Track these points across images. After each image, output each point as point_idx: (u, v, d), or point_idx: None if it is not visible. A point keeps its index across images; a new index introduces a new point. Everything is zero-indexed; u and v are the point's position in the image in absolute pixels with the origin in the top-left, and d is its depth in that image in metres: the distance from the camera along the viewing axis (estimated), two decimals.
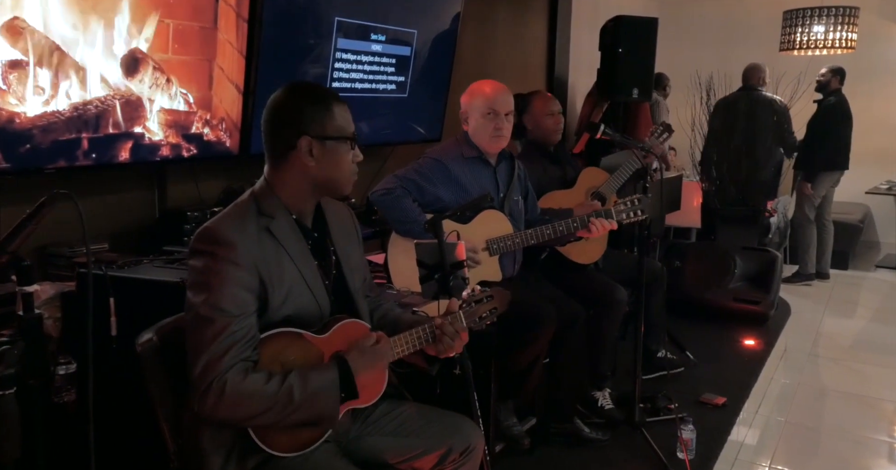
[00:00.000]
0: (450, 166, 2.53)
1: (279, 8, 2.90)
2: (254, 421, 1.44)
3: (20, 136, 2.18)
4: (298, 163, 1.56)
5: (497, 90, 2.58)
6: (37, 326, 1.18)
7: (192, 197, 2.95)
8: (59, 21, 2.22)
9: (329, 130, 1.56)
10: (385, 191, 2.47)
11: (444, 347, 1.65)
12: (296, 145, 1.55)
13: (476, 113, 2.57)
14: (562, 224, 2.56)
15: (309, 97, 1.57)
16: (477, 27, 4.58)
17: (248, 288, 1.48)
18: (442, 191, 2.50)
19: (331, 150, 1.57)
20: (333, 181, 1.60)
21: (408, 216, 2.43)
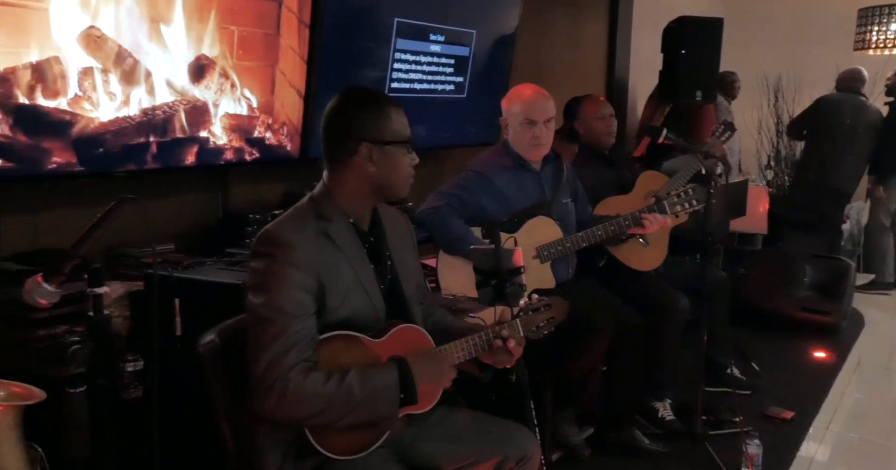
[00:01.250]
0: (492, 177, 2.50)
1: (339, 12, 2.93)
2: (314, 420, 1.46)
3: (93, 141, 2.26)
4: (357, 168, 1.58)
5: (535, 97, 2.53)
6: (105, 327, 1.22)
7: (254, 200, 3.01)
8: (130, 29, 2.30)
9: (387, 135, 1.58)
10: (432, 209, 2.45)
11: (500, 357, 1.63)
12: (356, 151, 1.56)
13: (514, 121, 2.53)
14: (613, 223, 2.51)
15: (366, 103, 1.59)
16: (534, 29, 4.54)
17: (307, 289, 1.50)
18: (485, 202, 2.47)
19: (389, 155, 1.58)
20: (391, 185, 1.62)
21: (455, 233, 2.41)
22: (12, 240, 2.26)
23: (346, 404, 1.45)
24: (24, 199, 2.28)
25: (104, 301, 1.29)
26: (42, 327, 2.14)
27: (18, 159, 2.08)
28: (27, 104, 2.08)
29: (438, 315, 1.85)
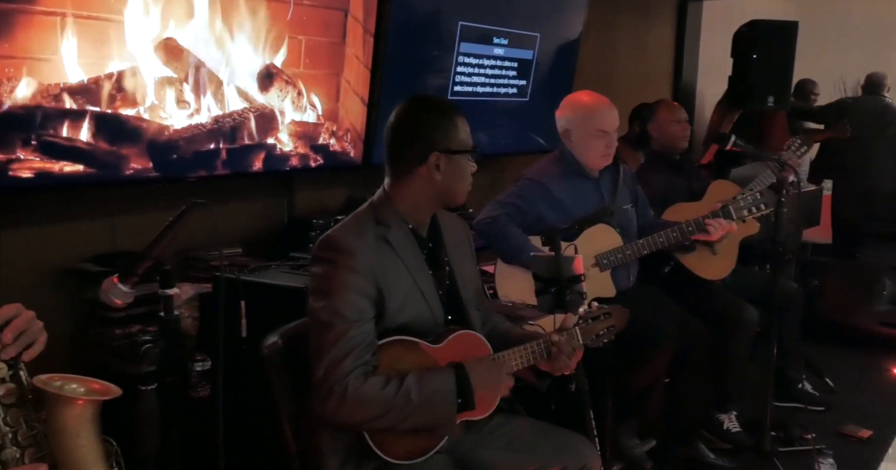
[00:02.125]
0: (549, 185, 2.47)
1: (403, 20, 2.98)
2: (373, 424, 1.47)
3: (168, 147, 2.36)
4: (424, 176, 1.59)
5: (606, 107, 2.47)
6: (175, 327, 1.27)
7: (318, 205, 3.07)
8: (204, 40, 2.39)
9: (455, 144, 1.59)
10: (490, 219, 2.43)
11: (559, 365, 1.62)
12: (425, 160, 1.58)
13: (582, 131, 2.47)
14: (675, 229, 2.44)
15: (435, 112, 1.60)
16: (599, 35, 4.49)
17: (366, 294, 1.52)
18: (544, 210, 2.44)
19: (456, 164, 1.60)
20: (454, 192, 1.63)
21: (514, 243, 2.39)
22: (92, 242, 2.37)
23: (404, 408, 1.46)
24: (104, 203, 2.39)
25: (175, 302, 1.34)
26: (118, 326, 2.24)
27: (99, 165, 2.19)
28: (108, 112, 2.18)
29: (495, 321, 1.84)
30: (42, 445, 1.06)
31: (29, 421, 1.07)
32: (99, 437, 1.08)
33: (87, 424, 1.07)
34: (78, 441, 1.06)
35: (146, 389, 1.15)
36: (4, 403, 1.05)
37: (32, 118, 2.02)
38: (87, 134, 2.15)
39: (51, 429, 1.06)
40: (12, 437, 1.05)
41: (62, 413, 1.06)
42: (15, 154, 2.01)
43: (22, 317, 1.09)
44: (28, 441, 1.06)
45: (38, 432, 1.06)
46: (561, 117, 2.53)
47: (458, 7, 3.22)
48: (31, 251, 2.23)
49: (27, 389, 1.07)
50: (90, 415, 1.07)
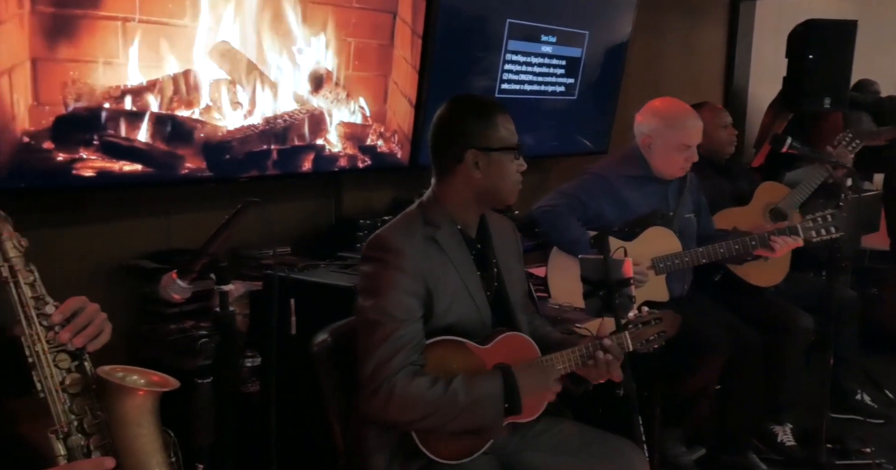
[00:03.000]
0: (615, 183, 2.45)
1: (451, 20, 2.99)
2: (419, 424, 1.48)
3: (221, 148, 2.41)
4: (464, 175, 1.59)
5: (693, 120, 2.43)
6: (230, 323, 1.30)
7: (365, 206, 3.10)
8: (257, 43, 2.44)
9: (494, 142, 1.59)
10: (549, 208, 2.43)
11: (596, 371, 1.60)
12: (462, 158, 1.58)
13: (664, 141, 2.42)
14: (738, 242, 2.39)
15: (473, 110, 1.61)
16: (648, 36, 4.43)
17: (415, 294, 1.53)
18: (605, 207, 2.42)
19: (496, 162, 1.59)
20: (498, 191, 1.62)
21: (571, 235, 2.38)
22: (148, 240, 2.44)
23: (451, 410, 1.46)
24: (159, 202, 2.46)
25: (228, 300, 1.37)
26: (172, 322, 2.30)
27: (156, 165, 2.26)
28: (166, 114, 2.25)
29: (537, 324, 1.84)
30: (105, 433, 1.10)
31: (93, 410, 1.11)
32: (159, 427, 1.11)
33: (147, 415, 1.10)
34: (139, 430, 1.09)
35: (202, 382, 1.18)
36: (70, 392, 1.10)
37: (95, 119, 2.09)
38: (146, 135, 2.21)
39: (113, 418, 1.10)
40: (78, 424, 1.09)
41: (124, 403, 1.09)
42: (78, 154, 2.08)
43: (86, 310, 1.13)
44: (92, 429, 1.10)
45: (101, 421, 1.10)
46: (643, 123, 2.49)
47: (506, 5, 3.22)
48: (90, 248, 2.30)
49: (91, 379, 1.12)
50: (150, 406, 1.11)
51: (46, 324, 1.10)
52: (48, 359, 1.09)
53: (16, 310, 1.09)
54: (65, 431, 1.08)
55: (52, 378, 1.09)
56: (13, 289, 1.10)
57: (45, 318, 1.10)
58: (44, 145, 2.00)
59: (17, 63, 1.89)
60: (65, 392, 1.09)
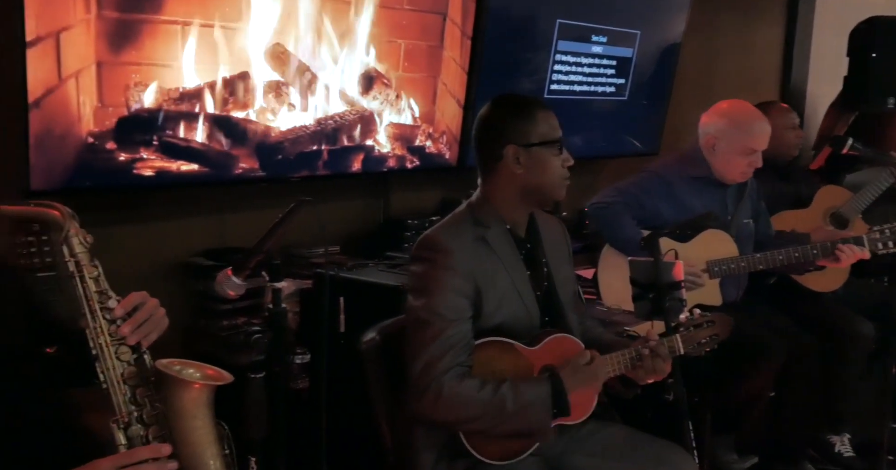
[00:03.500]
0: (673, 183, 2.41)
1: (501, 21, 2.98)
2: (466, 426, 1.49)
3: (274, 148, 2.46)
4: (506, 172, 1.60)
5: (764, 125, 2.37)
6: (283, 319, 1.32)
7: (413, 206, 3.12)
8: (309, 45, 2.48)
9: (533, 137, 1.58)
10: (604, 204, 2.41)
11: (643, 373, 1.58)
12: (502, 155, 1.58)
13: (729, 144, 2.37)
14: (797, 250, 2.32)
15: (511, 107, 1.61)
16: (702, 36, 4.34)
17: (464, 294, 1.53)
18: (663, 207, 2.38)
19: (537, 156, 1.59)
20: (543, 187, 1.62)
21: (625, 233, 2.35)
22: (203, 237, 2.50)
23: (499, 415, 1.47)
24: (214, 200, 2.52)
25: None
26: (225, 318, 2.36)
27: (212, 165, 2.32)
28: (221, 115, 2.30)
29: (588, 325, 1.82)
30: (163, 424, 1.14)
31: (152, 401, 1.14)
32: (213, 420, 1.14)
33: (202, 407, 1.14)
34: (195, 423, 1.13)
35: (255, 377, 1.21)
36: (130, 384, 1.14)
37: (154, 120, 2.16)
38: (202, 135, 2.27)
39: (170, 410, 1.13)
40: (138, 415, 1.13)
41: (181, 396, 1.13)
42: (139, 154, 2.15)
43: (147, 305, 1.17)
44: (151, 420, 1.13)
45: (159, 412, 1.14)
46: (710, 124, 2.44)
47: (556, 5, 3.20)
48: (149, 245, 2.38)
49: (150, 371, 1.15)
50: (206, 399, 1.14)
51: (109, 317, 1.14)
52: (110, 351, 1.13)
53: (81, 304, 1.14)
54: (125, 421, 1.12)
55: (114, 370, 1.13)
56: (79, 283, 1.14)
57: (107, 312, 1.14)
58: (107, 146, 2.07)
59: (84, 66, 1.97)
60: (125, 384, 1.13)
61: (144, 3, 2.06)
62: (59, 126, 1.96)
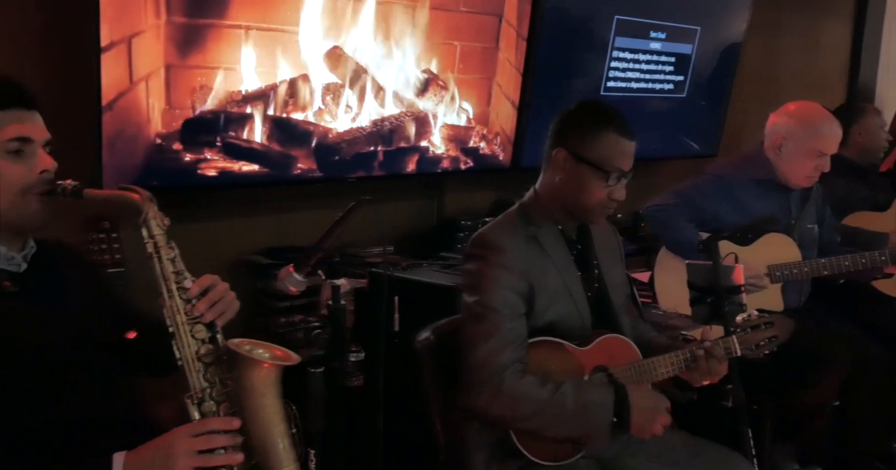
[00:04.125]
0: (734, 186, 2.36)
1: (557, 19, 2.97)
2: (523, 423, 1.49)
3: (331, 149, 2.51)
4: (550, 174, 1.60)
5: (835, 127, 2.32)
6: (342, 316, 1.35)
7: (466, 207, 3.13)
8: (366, 47, 2.52)
9: (588, 153, 1.55)
10: (661, 207, 2.37)
11: (698, 375, 1.55)
12: (551, 155, 1.58)
13: (798, 145, 2.31)
14: (864, 256, 2.24)
15: (588, 114, 1.59)
16: (764, 32, 4.23)
17: (517, 291, 1.54)
18: (723, 211, 2.33)
19: (581, 174, 1.55)
20: (577, 204, 1.59)
21: (682, 236, 2.31)
22: (262, 236, 2.57)
23: (557, 414, 1.46)
24: (273, 200, 2.58)
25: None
26: (282, 315, 2.42)
27: (272, 165, 2.38)
28: (281, 117, 2.36)
29: (642, 329, 1.81)
30: (234, 401, 1.18)
31: (223, 379, 1.18)
32: (281, 399, 1.18)
33: (271, 387, 1.17)
34: (264, 401, 1.16)
35: (315, 372, 1.23)
36: (204, 362, 1.18)
37: (218, 122, 2.23)
38: (263, 136, 2.34)
39: (241, 388, 1.17)
40: (210, 392, 1.17)
41: (251, 374, 1.16)
42: (203, 154, 2.22)
43: (218, 287, 1.22)
44: (222, 397, 1.18)
45: (230, 390, 1.18)
46: (778, 124, 2.38)
47: (614, 2, 3.17)
48: (211, 243, 2.45)
49: (223, 350, 1.19)
50: (274, 378, 1.18)
51: (185, 297, 1.18)
52: (186, 329, 1.18)
53: (158, 283, 1.18)
54: (199, 397, 1.17)
55: (189, 347, 1.17)
56: (157, 263, 1.19)
57: (183, 291, 1.19)
58: (173, 146, 2.15)
59: (153, 70, 2.05)
60: (200, 361, 1.17)
61: (210, 8, 2.13)
62: (129, 127, 2.04)
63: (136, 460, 1.10)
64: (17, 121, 1.18)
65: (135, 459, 1.10)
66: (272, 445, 1.16)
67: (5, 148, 1.17)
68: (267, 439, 1.16)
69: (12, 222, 1.19)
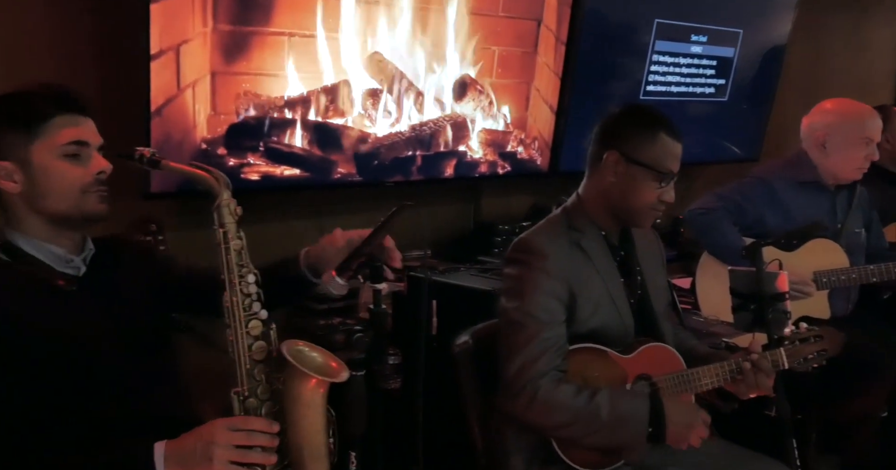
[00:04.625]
0: (777, 189, 2.32)
1: (597, 23, 2.96)
2: (558, 432, 1.48)
3: (370, 154, 2.53)
4: (600, 176, 1.58)
5: (873, 114, 2.31)
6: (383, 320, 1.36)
7: (503, 212, 3.13)
8: (406, 53, 2.54)
9: (641, 156, 1.54)
10: (704, 210, 2.34)
11: (745, 388, 1.52)
12: (602, 157, 1.56)
13: (845, 137, 2.29)
14: None
15: (638, 118, 1.58)
16: (809, 35, 4.14)
17: (558, 297, 1.53)
18: (767, 214, 2.30)
19: (634, 176, 1.55)
20: (628, 208, 1.58)
21: (726, 240, 2.27)
22: (301, 240, 2.58)
23: (592, 424, 1.45)
24: (313, 204, 2.61)
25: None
26: (321, 318, 2.44)
27: (312, 170, 2.41)
28: (321, 122, 2.40)
29: (682, 336, 1.78)
30: (276, 401, 1.18)
31: (269, 379, 1.19)
32: (325, 409, 1.19)
33: (318, 398, 1.17)
34: (309, 411, 1.16)
35: (356, 374, 1.24)
36: (255, 359, 1.19)
37: (261, 127, 2.27)
38: (304, 141, 2.37)
39: (286, 394, 1.18)
40: (256, 389, 1.18)
41: (298, 384, 1.16)
42: (246, 159, 2.27)
43: None
44: (266, 396, 1.19)
45: (275, 390, 1.19)
46: (816, 123, 2.36)
47: (654, 5, 3.14)
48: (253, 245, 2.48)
49: (274, 348, 1.20)
50: (321, 392, 1.18)
51: (245, 291, 1.19)
52: (242, 324, 1.18)
53: (222, 273, 1.19)
54: (245, 394, 1.18)
55: (243, 341, 1.18)
56: (223, 253, 1.19)
57: (246, 285, 1.20)
58: (218, 151, 2.20)
59: (200, 77, 2.10)
60: (251, 358, 1.18)
61: (255, 16, 2.17)
62: (176, 133, 2.09)
63: (177, 448, 1.13)
64: (73, 125, 1.23)
65: (175, 446, 1.13)
66: (309, 453, 1.16)
67: (63, 152, 1.22)
68: (304, 446, 1.17)
69: (74, 219, 1.24)
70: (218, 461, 1.10)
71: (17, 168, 1.20)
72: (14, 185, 1.21)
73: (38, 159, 1.20)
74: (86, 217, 1.25)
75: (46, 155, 1.21)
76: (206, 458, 1.10)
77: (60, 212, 1.23)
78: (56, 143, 1.21)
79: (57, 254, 1.25)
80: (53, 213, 1.23)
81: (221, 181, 1.21)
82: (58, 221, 1.24)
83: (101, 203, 1.25)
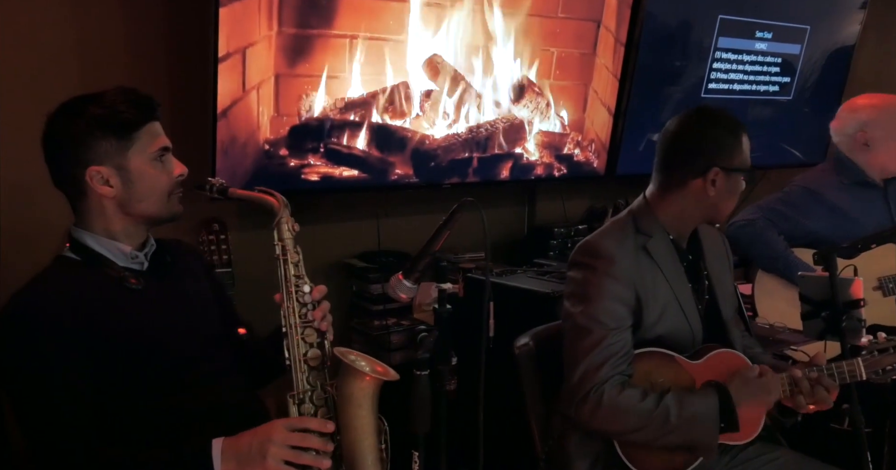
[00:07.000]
0: (824, 194, 2.28)
1: (657, 23, 2.91)
2: (627, 436, 1.46)
3: (428, 155, 2.54)
4: (697, 191, 1.56)
5: None
6: (448, 319, 1.36)
7: (558, 214, 3.10)
8: (465, 55, 2.54)
9: (737, 162, 1.55)
10: (745, 222, 2.30)
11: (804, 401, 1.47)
12: (703, 174, 1.54)
13: (884, 129, 2.26)
14: None
15: (723, 127, 1.56)
16: (879, 34, 3.99)
17: (625, 302, 1.50)
18: (814, 223, 2.26)
19: (733, 182, 1.56)
20: (721, 210, 1.59)
21: (772, 251, 2.23)
22: (360, 240, 2.63)
23: (662, 427, 1.42)
24: (370, 205, 2.64)
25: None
26: (376, 318, 2.46)
27: (371, 171, 2.43)
28: (381, 123, 2.41)
29: (748, 343, 1.74)
30: (330, 406, 1.23)
31: (324, 385, 1.24)
32: (376, 412, 1.21)
33: (369, 399, 1.20)
34: (360, 411, 1.19)
35: (421, 374, 1.25)
36: (310, 365, 1.23)
37: (322, 129, 2.30)
38: (363, 143, 2.39)
39: (340, 395, 1.22)
40: (311, 394, 1.23)
41: (351, 384, 1.20)
42: (307, 160, 2.30)
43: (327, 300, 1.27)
44: (320, 401, 1.23)
45: (329, 395, 1.24)
46: (850, 125, 2.33)
47: (718, 1, 3.08)
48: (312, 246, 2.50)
49: (328, 356, 1.24)
50: (372, 391, 1.20)
51: (302, 301, 1.25)
52: (298, 331, 1.24)
53: (280, 284, 1.26)
54: (300, 398, 1.23)
55: (299, 348, 1.24)
56: (281, 265, 1.27)
57: (301, 295, 1.26)
58: (280, 152, 2.24)
59: (264, 79, 2.14)
60: (306, 364, 1.23)
61: (318, 19, 2.20)
62: (241, 134, 2.14)
63: (234, 445, 1.16)
64: (160, 132, 1.31)
65: (233, 444, 1.16)
66: (361, 457, 1.19)
67: (153, 157, 1.29)
68: (356, 449, 1.19)
69: (162, 220, 1.32)
70: (272, 459, 1.13)
71: (113, 173, 1.26)
72: (110, 190, 1.27)
73: (135, 165, 1.27)
74: (170, 217, 1.32)
75: (141, 161, 1.27)
76: (261, 455, 1.13)
77: (152, 213, 1.30)
78: (149, 150, 1.28)
79: (123, 250, 1.30)
80: (146, 215, 1.30)
81: (281, 201, 1.29)
82: (147, 222, 1.31)
83: (180, 204, 1.33)
